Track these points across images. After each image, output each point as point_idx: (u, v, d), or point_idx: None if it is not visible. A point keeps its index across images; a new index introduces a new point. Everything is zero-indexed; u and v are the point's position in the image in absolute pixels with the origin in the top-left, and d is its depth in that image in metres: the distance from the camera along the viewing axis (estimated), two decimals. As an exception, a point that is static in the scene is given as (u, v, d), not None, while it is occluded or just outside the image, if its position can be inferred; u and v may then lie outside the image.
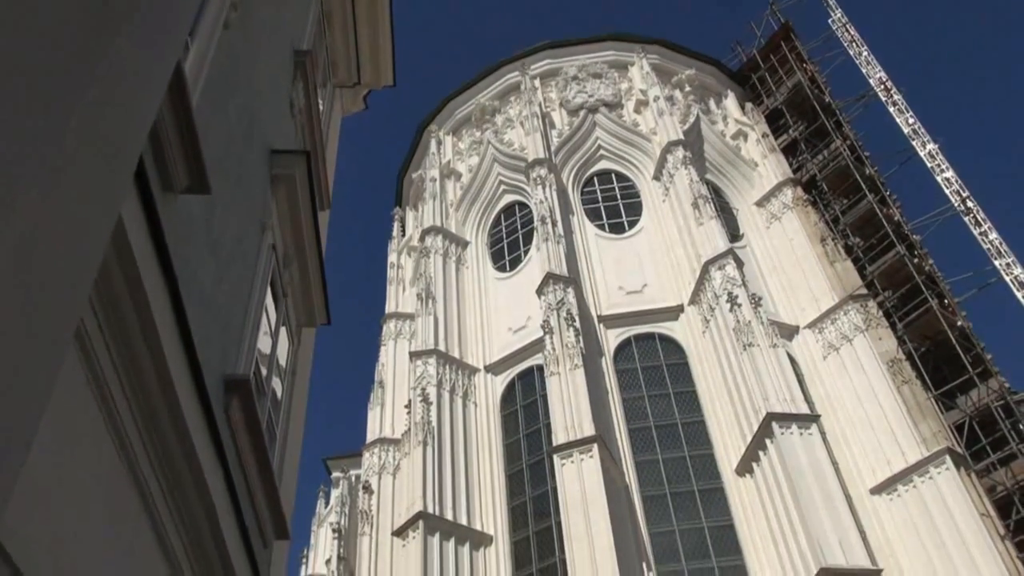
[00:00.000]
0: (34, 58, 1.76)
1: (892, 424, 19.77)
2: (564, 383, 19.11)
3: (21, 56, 1.72)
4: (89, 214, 1.95)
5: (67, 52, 1.86)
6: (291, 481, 7.49)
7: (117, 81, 2.00)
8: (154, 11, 2.19)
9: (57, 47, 1.83)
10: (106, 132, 2.00)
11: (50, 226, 1.73)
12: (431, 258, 26.26)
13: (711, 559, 18.01)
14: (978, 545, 17.21)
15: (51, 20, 1.78)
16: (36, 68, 1.77)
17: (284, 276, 7.27)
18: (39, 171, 1.71)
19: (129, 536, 3.63)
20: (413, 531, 19.23)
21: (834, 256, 23.72)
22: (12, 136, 1.67)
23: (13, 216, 1.59)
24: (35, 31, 1.74)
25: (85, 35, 1.90)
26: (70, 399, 2.94)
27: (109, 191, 2.11)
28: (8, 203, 1.60)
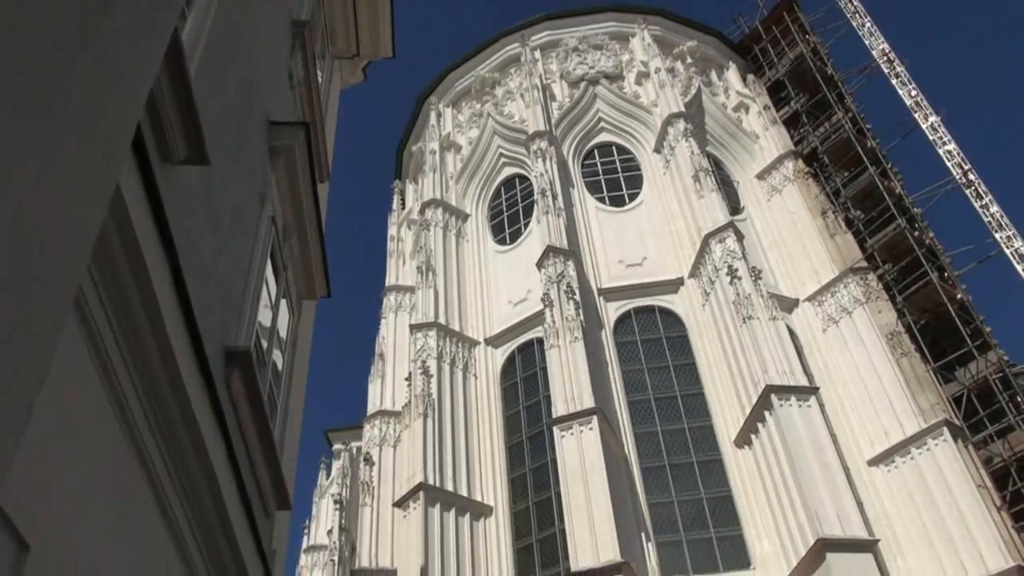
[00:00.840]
0: (30, 25, 1.75)
1: (890, 396, 19.86)
2: (564, 356, 19.16)
3: (17, 23, 1.70)
4: (87, 181, 1.94)
5: (63, 19, 1.84)
6: (292, 452, 7.54)
7: (113, 47, 1.99)
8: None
9: (53, 14, 1.81)
10: (103, 99, 1.99)
11: (48, 193, 1.73)
12: (431, 231, 26.23)
13: (709, 529, 18.17)
14: (974, 516, 17.36)
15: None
16: (32, 36, 1.75)
17: (284, 248, 7.26)
18: (36, 138, 1.70)
19: (132, 507, 3.66)
20: (414, 502, 19.38)
21: (834, 229, 23.68)
22: (8, 103, 1.66)
23: (11, 182, 1.58)
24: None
25: (81, 1, 1.89)
26: (72, 370, 2.95)
27: (107, 159, 2.10)
28: (5, 169, 1.59)
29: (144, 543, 3.81)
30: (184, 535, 4.27)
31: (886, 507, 18.73)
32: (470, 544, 19.34)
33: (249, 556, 5.00)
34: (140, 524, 3.75)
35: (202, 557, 4.50)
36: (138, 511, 3.72)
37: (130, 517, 3.62)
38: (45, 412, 2.65)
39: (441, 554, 18.52)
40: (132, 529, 3.64)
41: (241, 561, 4.87)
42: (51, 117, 1.76)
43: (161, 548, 4.05)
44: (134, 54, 2.21)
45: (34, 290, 1.73)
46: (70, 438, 2.96)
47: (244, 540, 4.86)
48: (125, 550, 3.54)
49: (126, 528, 3.56)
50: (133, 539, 3.65)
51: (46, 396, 2.59)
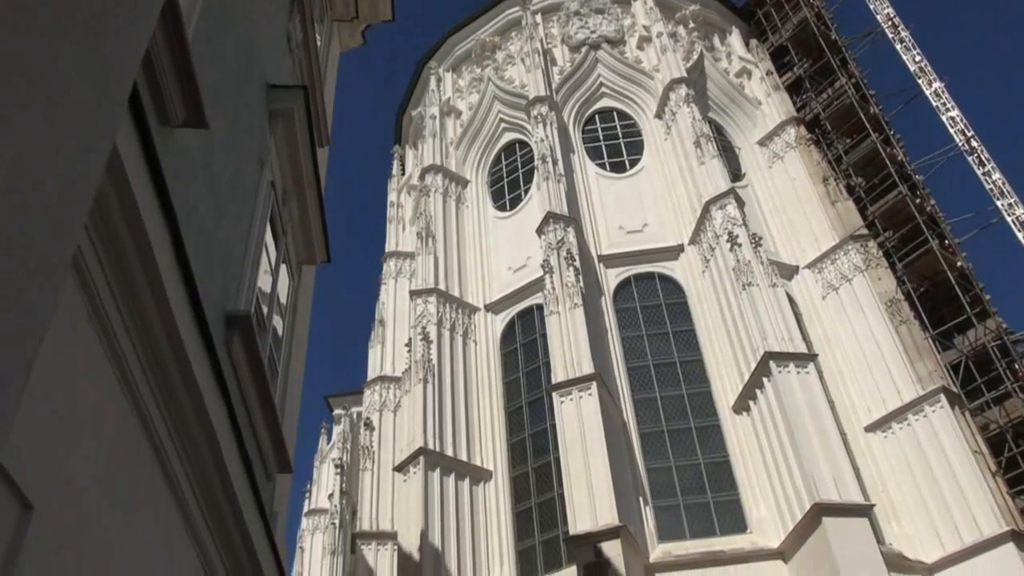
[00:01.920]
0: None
1: (889, 363, 19.94)
2: (563, 322, 19.20)
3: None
4: (83, 137, 1.93)
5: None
6: (293, 416, 7.59)
7: (109, 3, 1.97)
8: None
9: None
10: (99, 55, 1.98)
11: (44, 148, 1.72)
12: (431, 197, 26.14)
13: (707, 494, 18.33)
14: (969, 481, 17.53)
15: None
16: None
17: (284, 213, 7.25)
18: (32, 93, 1.69)
19: (135, 469, 3.69)
20: (414, 467, 19.54)
21: (836, 196, 23.60)
22: (4, 57, 1.64)
23: (6, 137, 1.58)
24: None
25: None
26: (72, 333, 2.96)
27: (104, 114, 2.09)
28: (2, 122, 1.59)
29: (146, 503, 3.85)
30: (186, 496, 4.31)
31: (882, 473, 18.90)
32: (470, 508, 19.53)
33: (251, 517, 5.05)
34: (143, 485, 3.79)
35: (204, 517, 4.55)
36: (140, 472, 3.76)
37: (132, 478, 3.65)
38: (46, 374, 2.66)
39: (441, 518, 18.72)
40: (134, 490, 3.68)
41: (243, 522, 4.92)
42: (47, 70, 1.75)
43: (163, 509, 4.09)
44: (131, 10, 2.19)
45: (32, 247, 1.74)
46: (71, 400, 2.98)
47: (245, 501, 4.91)
48: (128, 510, 3.58)
49: (129, 489, 3.60)
50: (136, 499, 3.69)
51: (47, 359, 2.60)
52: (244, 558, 5.17)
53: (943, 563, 17.18)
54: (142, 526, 3.77)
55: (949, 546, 17.24)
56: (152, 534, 3.91)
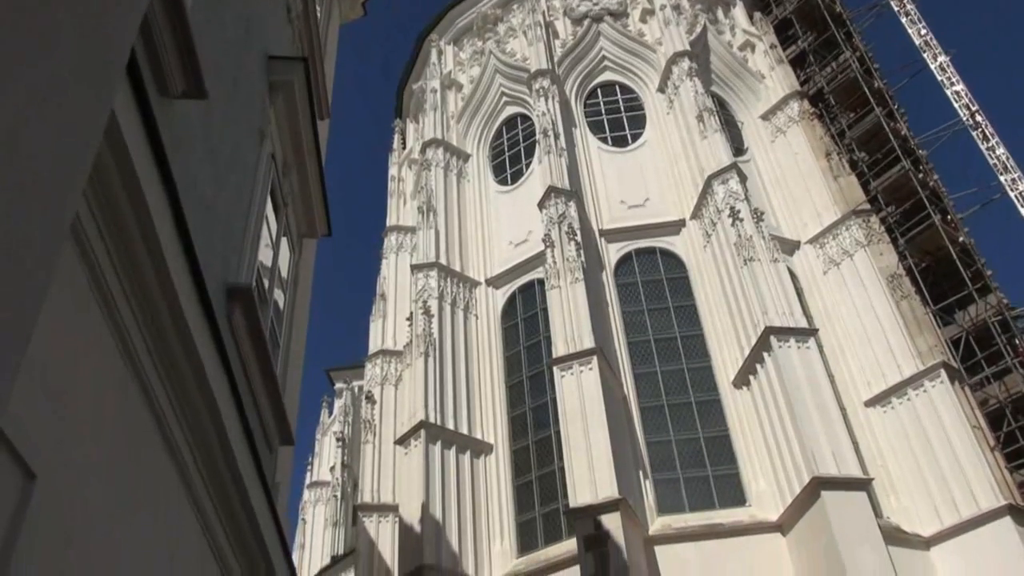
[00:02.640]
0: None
1: (889, 338, 19.96)
2: (564, 296, 19.20)
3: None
4: (82, 100, 1.92)
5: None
6: (294, 389, 7.62)
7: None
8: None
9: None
10: (96, 18, 1.96)
11: (42, 110, 1.71)
12: (432, 171, 26.04)
13: (706, 468, 18.43)
14: (968, 456, 17.61)
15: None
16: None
17: (284, 186, 7.23)
18: (29, 55, 1.68)
19: (137, 439, 3.71)
20: (415, 439, 19.64)
21: (838, 171, 23.49)
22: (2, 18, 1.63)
23: (4, 96, 1.56)
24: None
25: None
26: (73, 303, 2.96)
27: (101, 78, 2.08)
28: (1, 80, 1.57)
29: (149, 473, 3.87)
30: (188, 467, 4.34)
31: (881, 447, 18.98)
32: (470, 481, 19.65)
33: (252, 487, 5.09)
34: (145, 454, 3.81)
35: (206, 487, 4.58)
36: (143, 442, 3.78)
37: (135, 448, 3.67)
38: (47, 344, 2.66)
39: (442, 490, 18.85)
40: (137, 459, 3.70)
41: (245, 492, 4.95)
42: (44, 32, 1.73)
43: (166, 479, 4.12)
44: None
45: (31, 210, 1.73)
46: (73, 370, 2.99)
47: (247, 472, 4.94)
48: (131, 479, 3.60)
49: (131, 458, 3.61)
50: (138, 469, 3.71)
51: (48, 328, 2.60)
52: (246, 527, 5.21)
53: (940, 536, 17.30)
54: (145, 495, 3.80)
55: (947, 520, 17.36)
56: (155, 504, 3.94)
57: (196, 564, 4.68)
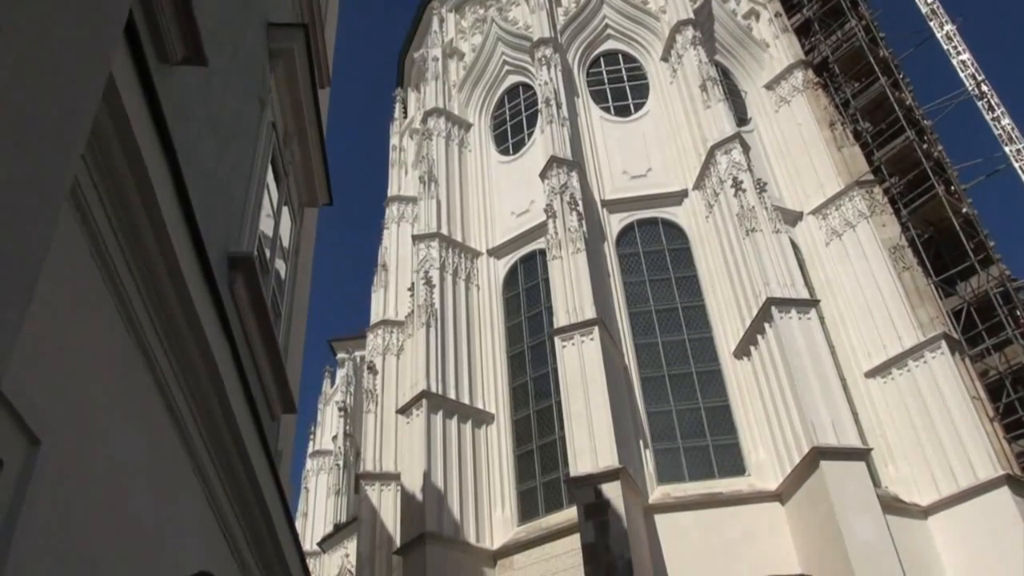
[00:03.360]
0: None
1: (890, 310, 19.96)
2: (566, 267, 19.19)
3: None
4: (80, 60, 1.90)
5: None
6: (297, 358, 7.64)
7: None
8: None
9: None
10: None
11: (41, 69, 1.70)
12: (433, 140, 25.90)
13: (706, 438, 18.54)
14: (967, 426, 17.68)
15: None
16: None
17: (285, 155, 7.20)
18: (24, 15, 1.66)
19: (139, 407, 3.73)
20: (417, 409, 19.75)
21: (842, 141, 23.35)
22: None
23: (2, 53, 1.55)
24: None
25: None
26: (74, 271, 2.96)
27: (100, 39, 2.06)
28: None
29: (152, 440, 3.90)
30: (192, 435, 4.36)
31: (880, 417, 19.06)
32: (472, 450, 19.79)
33: (255, 455, 5.12)
34: (148, 422, 3.83)
35: (209, 454, 4.61)
36: (145, 410, 3.80)
37: (138, 416, 3.69)
38: (50, 311, 2.67)
39: (443, 459, 18.98)
40: (140, 427, 3.72)
41: (248, 459, 4.99)
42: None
43: (169, 446, 4.14)
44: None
45: (30, 171, 1.72)
46: (76, 338, 2.99)
47: (251, 441, 4.97)
48: (134, 446, 3.63)
49: (134, 426, 3.63)
50: (141, 436, 3.73)
51: (49, 295, 2.61)
52: (249, 494, 5.25)
53: (938, 506, 17.44)
54: (148, 462, 3.82)
55: (944, 489, 17.48)
56: (158, 470, 3.97)
57: (200, 530, 4.73)
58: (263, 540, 5.81)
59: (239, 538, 5.41)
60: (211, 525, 4.93)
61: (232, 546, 5.34)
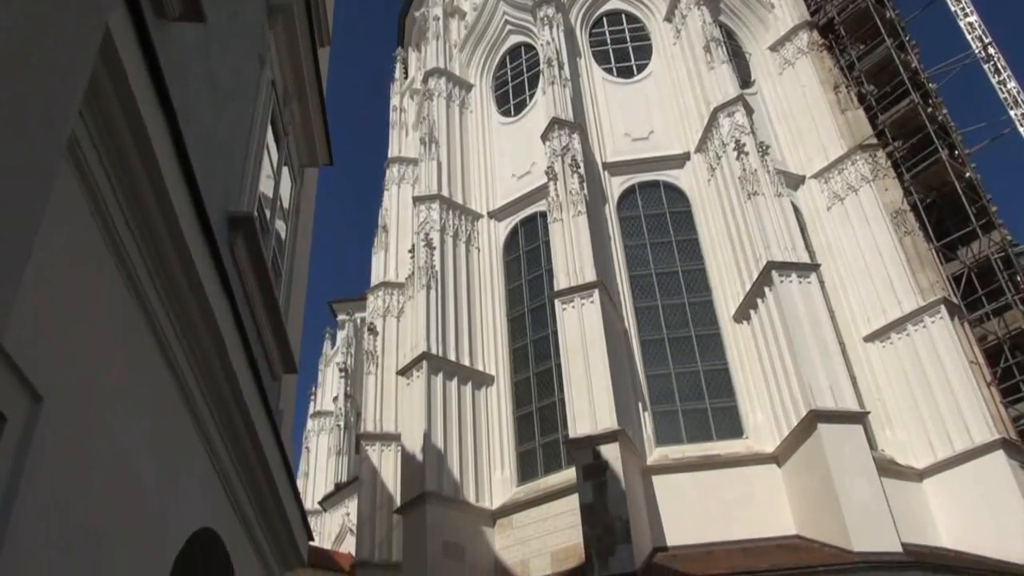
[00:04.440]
0: None
1: (891, 274, 19.95)
2: (567, 229, 19.15)
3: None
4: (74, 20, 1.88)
5: None
6: (297, 318, 7.66)
7: None
8: None
9: None
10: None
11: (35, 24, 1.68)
12: (434, 101, 25.70)
13: (705, 400, 18.64)
14: (964, 391, 17.78)
15: None
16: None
17: (284, 114, 7.14)
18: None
19: (141, 365, 3.74)
20: (417, 371, 19.84)
21: (846, 104, 23.14)
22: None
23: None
24: None
25: None
26: (74, 229, 2.95)
27: None
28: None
29: (154, 399, 3.92)
30: (194, 393, 4.39)
31: (879, 381, 19.15)
32: (472, 411, 19.92)
33: (257, 415, 5.15)
34: (150, 381, 3.85)
35: (211, 413, 4.64)
36: (147, 369, 3.81)
37: (140, 374, 3.71)
38: (50, 269, 2.66)
39: (443, 420, 19.12)
40: (142, 385, 3.73)
41: (249, 419, 5.02)
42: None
43: (171, 406, 4.17)
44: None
45: (28, 125, 1.71)
46: (77, 297, 2.99)
47: (251, 398, 5.00)
48: (136, 404, 3.65)
49: (136, 384, 3.65)
50: (144, 394, 3.75)
51: (49, 253, 2.60)
52: (251, 453, 5.30)
53: (933, 469, 17.60)
54: (151, 421, 3.85)
55: (940, 453, 17.62)
56: (160, 428, 3.99)
57: (202, 487, 4.77)
58: (265, 498, 5.87)
59: (241, 496, 5.47)
60: (213, 483, 4.97)
61: (234, 504, 5.40)
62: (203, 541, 4.86)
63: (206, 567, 5.21)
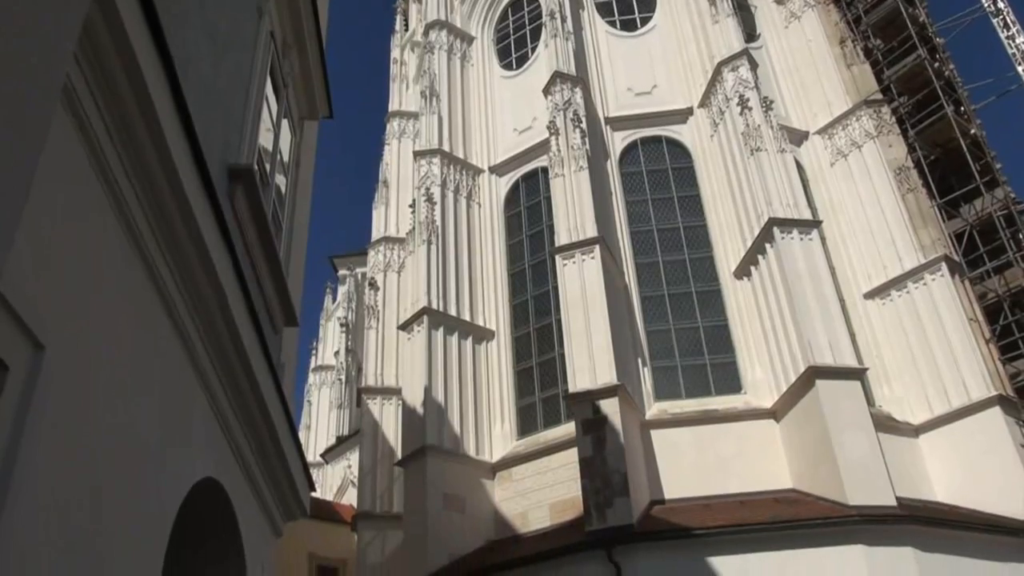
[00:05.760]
0: None
1: (893, 231, 19.91)
2: (568, 185, 19.07)
3: None
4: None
5: None
6: (298, 272, 7.66)
7: None
8: None
9: None
10: None
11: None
12: (435, 54, 25.39)
13: (704, 356, 18.73)
14: (963, 348, 17.84)
15: None
16: None
17: (284, 66, 7.07)
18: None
19: (143, 316, 3.75)
20: (418, 325, 19.92)
21: (852, 59, 22.86)
22: None
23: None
24: None
25: None
26: (73, 178, 2.94)
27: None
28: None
29: (156, 350, 3.94)
30: (196, 346, 4.41)
31: (878, 338, 19.22)
32: (472, 366, 20.03)
33: (259, 367, 5.18)
34: (152, 331, 3.86)
35: (212, 364, 4.67)
36: (149, 319, 3.82)
37: (141, 325, 3.72)
38: (50, 220, 2.66)
39: (444, 374, 19.24)
40: (144, 336, 3.75)
41: (251, 371, 5.05)
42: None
43: (173, 356, 4.19)
44: None
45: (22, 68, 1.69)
46: (77, 246, 2.99)
47: (253, 351, 5.03)
48: (139, 355, 3.67)
49: (138, 335, 3.67)
50: (146, 345, 3.77)
51: (49, 201, 2.60)
52: (253, 404, 5.34)
53: (930, 424, 17.74)
54: (153, 372, 3.87)
55: (937, 409, 17.74)
56: (162, 380, 4.02)
57: (205, 438, 4.82)
58: (267, 449, 5.93)
59: (244, 447, 5.53)
60: (215, 434, 5.02)
61: (237, 455, 5.46)
62: (206, 491, 4.93)
63: (210, 517, 5.29)
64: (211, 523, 5.33)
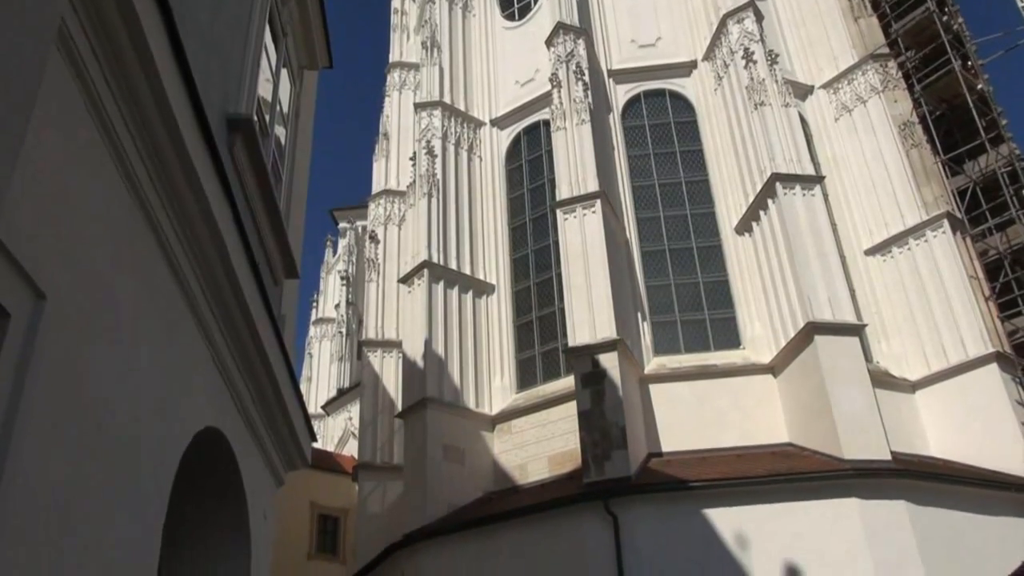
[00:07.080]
0: None
1: (895, 187, 19.81)
2: (570, 138, 18.93)
3: None
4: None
5: None
6: (298, 223, 7.65)
7: None
8: None
9: None
10: None
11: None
12: (436, 4, 25.00)
13: (704, 311, 18.79)
14: (962, 305, 17.87)
15: None
16: None
17: (283, 13, 6.97)
18: None
19: (143, 266, 3.75)
20: (418, 279, 19.94)
21: (859, 11, 22.51)
22: None
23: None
24: None
25: None
26: (71, 125, 2.91)
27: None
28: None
29: (158, 301, 3.94)
30: (197, 298, 4.41)
31: (877, 295, 19.24)
32: (472, 319, 20.10)
33: (260, 319, 5.20)
34: (153, 283, 3.86)
35: (214, 316, 4.68)
36: (150, 271, 3.82)
37: (143, 276, 3.72)
38: (48, 169, 2.64)
39: (444, 328, 19.32)
40: (145, 287, 3.75)
41: (252, 323, 5.07)
42: None
43: (174, 306, 4.20)
44: None
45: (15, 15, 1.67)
46: (77, 197, 2.98)
47: (254, 303, 5.04)
48: (140, 305, 3.67)
49: (139, 286, 3.67)
50: (147, 296, 3.77)
51: (47, 153, 2.57)
52: (254, 355, 5.37)
53: (927, 380, 17.83)
54: (154, 322, 3.88)
55: (935, 365, 17.83)
56: (164, 330, 4.03)
57: (206, 388, 4.86)
58: (268, 400, 5.98)
59: (245, 397, 5.57)
60: (217, 384, 5.05)
61: (239, 404, 5.50)
62: (209, 440, 4.97)
63: (212, 465, 5.35)
64: (213, 472, 5.40)
